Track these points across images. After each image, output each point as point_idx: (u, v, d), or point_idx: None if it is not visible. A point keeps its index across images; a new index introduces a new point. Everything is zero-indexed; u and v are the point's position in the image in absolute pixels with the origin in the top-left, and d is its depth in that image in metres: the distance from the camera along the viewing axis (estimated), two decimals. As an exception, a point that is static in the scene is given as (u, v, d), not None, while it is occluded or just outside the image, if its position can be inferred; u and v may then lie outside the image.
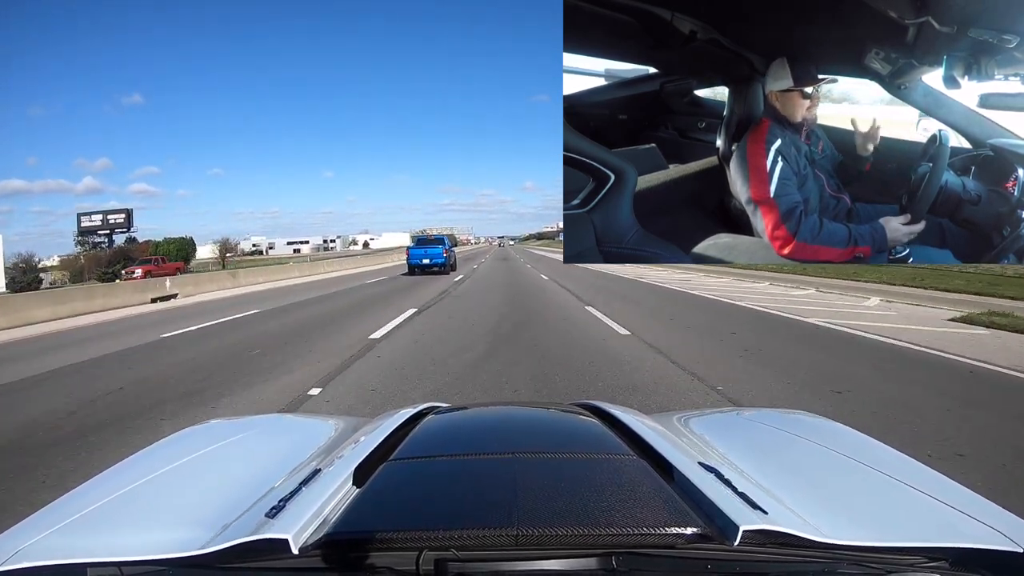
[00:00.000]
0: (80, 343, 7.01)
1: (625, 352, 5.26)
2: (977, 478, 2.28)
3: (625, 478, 0.69)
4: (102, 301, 11.39)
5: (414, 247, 19.25)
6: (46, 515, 0.72)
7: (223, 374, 4.75)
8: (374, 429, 0.92)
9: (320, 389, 4.11)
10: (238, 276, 18.11)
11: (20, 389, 4.61)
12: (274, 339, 6.52)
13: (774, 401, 3.66)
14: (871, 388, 3.95)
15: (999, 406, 3.56)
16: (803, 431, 1.05)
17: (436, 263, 17.96)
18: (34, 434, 3.32)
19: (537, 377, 4.33)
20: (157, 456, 0.97)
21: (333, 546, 0.57)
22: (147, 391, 4.27)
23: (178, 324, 8.22)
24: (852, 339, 5.96)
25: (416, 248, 18.93)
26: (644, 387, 4.01)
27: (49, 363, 5.58)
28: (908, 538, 0.60)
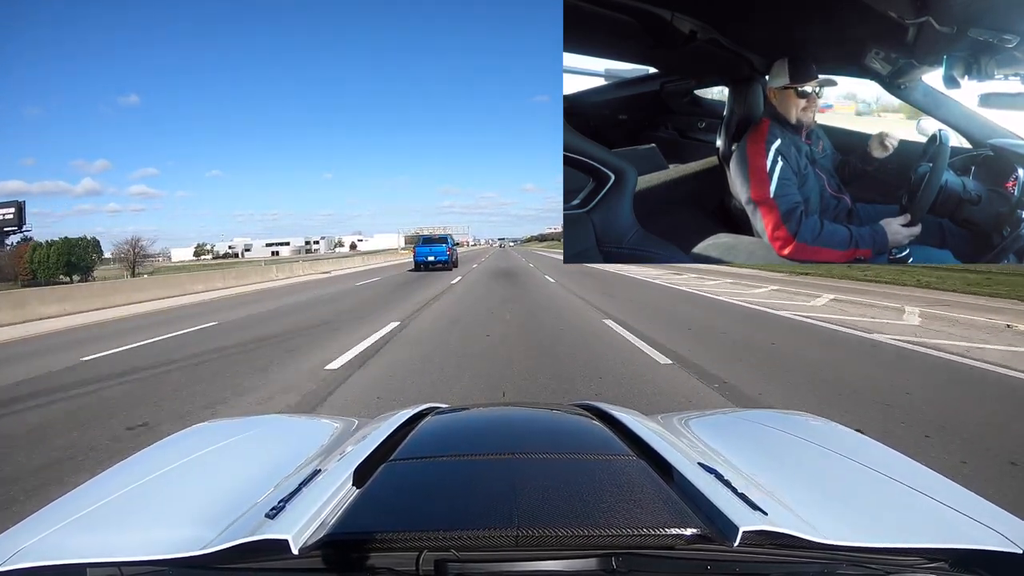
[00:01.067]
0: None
1: (678, 395, 3.69)
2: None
3: (625, 479, 0.69)
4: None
5: (420, 245, 21.25)
6: (46, 515, 0.72)
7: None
8: (374, 430, 0.92)
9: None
10: (145, 289, 13.54)
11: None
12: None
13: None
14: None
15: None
16: (803, 432, 1.05)
17: (440, 260, 20.15)
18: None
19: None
20: (157, 456, 0.97)
21: (333, 547, 0.57)
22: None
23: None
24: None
25: (422, 246, 21.03)
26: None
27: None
28: (907, 539, 0.60)
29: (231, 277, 17.13)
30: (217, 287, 15.75)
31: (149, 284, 14.65)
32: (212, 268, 27.39)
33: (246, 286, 16.41)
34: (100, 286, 13.20)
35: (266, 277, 17.63)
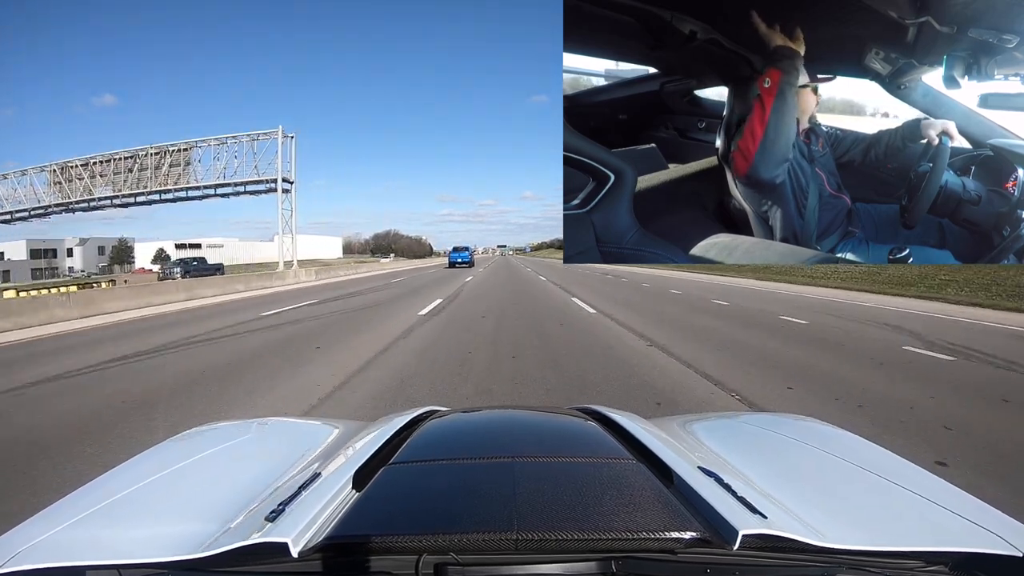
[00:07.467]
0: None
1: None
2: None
3: (624, 482, 0.69)
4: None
5: (452, 252, 32.90)
6: (46, 517, 0.72)
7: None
8: (374, 433, 0.92)
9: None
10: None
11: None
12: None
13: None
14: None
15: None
16: (803, 435, 1.05)
17: (465, 261, 31.37)
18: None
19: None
20: (157, 459, 0.97)
21: (333, 550, 0.57)
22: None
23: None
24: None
25: (454, 253, 32.58)
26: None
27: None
28: (908, 542, 0.59)
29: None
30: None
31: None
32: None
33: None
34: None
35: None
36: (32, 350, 5.80)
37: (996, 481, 2.05)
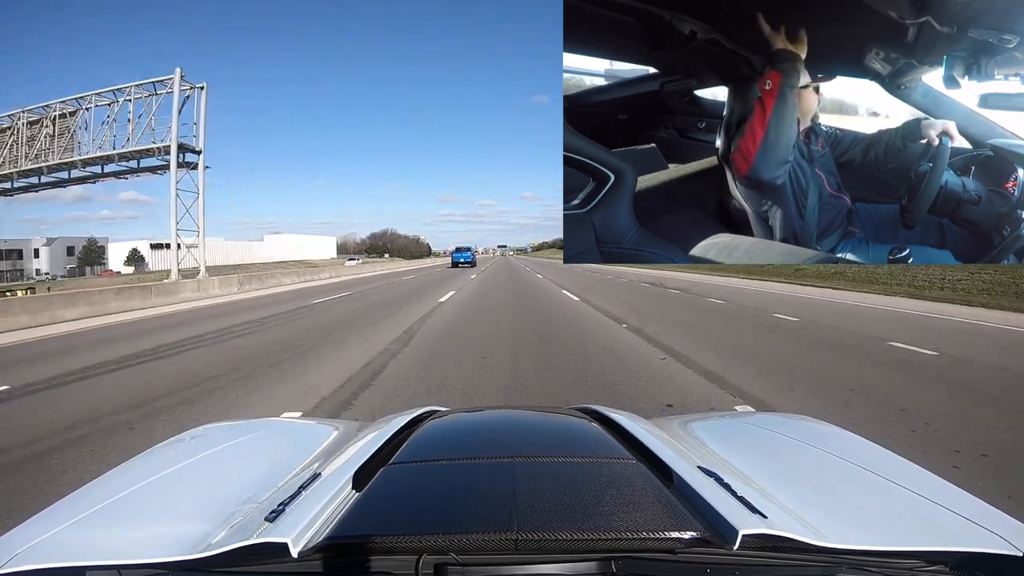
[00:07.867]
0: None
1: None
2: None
3: (624, 482, 0.69)
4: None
5: (455, 252, 35.64)
6: (46, 518, 0.72)
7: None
8: (374, 433, 0.92)
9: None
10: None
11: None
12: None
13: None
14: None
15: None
16: (803, 435, 1.05)
17: (467, 261, 33.82)
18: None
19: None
20: (157, 459, 0.97)
21: (333, 550, 0.57)
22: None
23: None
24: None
25: (456, 253, 35.23)
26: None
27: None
28: (908, 542, 0.59)
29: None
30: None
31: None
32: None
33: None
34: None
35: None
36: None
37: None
